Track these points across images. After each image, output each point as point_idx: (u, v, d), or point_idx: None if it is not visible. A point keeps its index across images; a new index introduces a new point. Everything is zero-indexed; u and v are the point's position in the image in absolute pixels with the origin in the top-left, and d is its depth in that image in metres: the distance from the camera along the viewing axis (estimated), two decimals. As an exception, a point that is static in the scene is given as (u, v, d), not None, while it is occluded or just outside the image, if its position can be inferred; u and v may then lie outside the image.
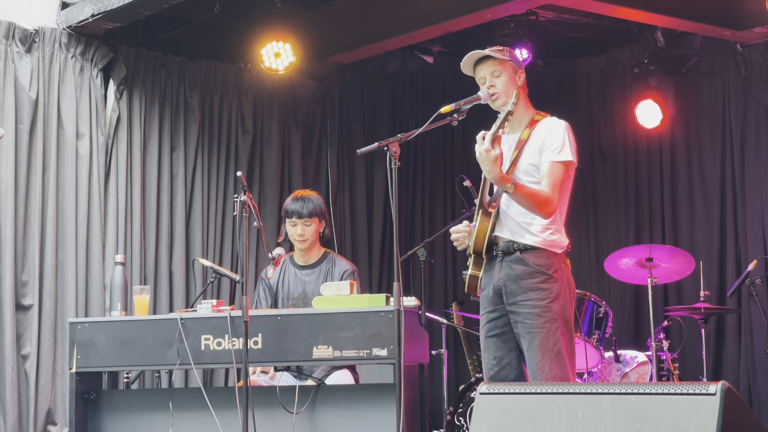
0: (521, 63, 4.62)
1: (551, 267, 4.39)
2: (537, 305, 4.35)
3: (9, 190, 6.42)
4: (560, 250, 4.45)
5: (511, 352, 4.48)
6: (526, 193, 4.30)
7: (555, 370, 4.30)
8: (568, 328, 4.39)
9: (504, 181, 4.27)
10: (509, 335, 4.47)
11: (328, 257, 5.76)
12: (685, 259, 6.75)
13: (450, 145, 8.62)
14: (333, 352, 4.76)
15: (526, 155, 4.45)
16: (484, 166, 4.25)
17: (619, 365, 6.65)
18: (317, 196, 5.76)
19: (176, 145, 7.25)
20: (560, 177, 4.39)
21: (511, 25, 7.49)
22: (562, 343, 4.34)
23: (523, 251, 4.40)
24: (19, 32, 6.56)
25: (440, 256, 8.43)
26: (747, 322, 7.42)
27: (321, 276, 5.66)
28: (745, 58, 7.56)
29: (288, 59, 7.02)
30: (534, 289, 4.37)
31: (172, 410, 5.08)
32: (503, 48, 4.57)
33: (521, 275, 4.39)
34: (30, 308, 6.47)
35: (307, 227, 5.64)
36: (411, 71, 8.43)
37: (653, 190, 8.09)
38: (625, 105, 8.04)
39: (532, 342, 4.35)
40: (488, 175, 4.28)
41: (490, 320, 4.51)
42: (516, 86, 4.50)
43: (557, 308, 4.36)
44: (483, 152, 4.23)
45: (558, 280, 4.39)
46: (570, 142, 4.43)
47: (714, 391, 3.13)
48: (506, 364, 4.48)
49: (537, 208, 4.33)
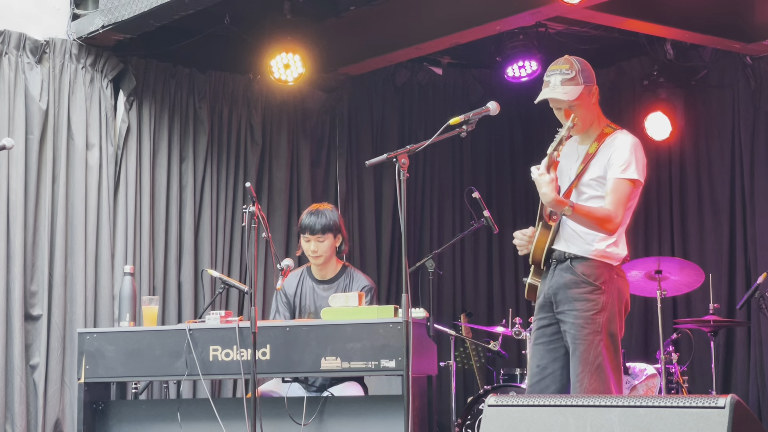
0: (593, 75, 4.47)
1: (599, 278, 4.31)
2: (581, 316, 4.29)
3: (19, 200, 6.44)
4: (616, 262, 4.37)
5: (556, 362, 4.40)
6: (584, 214, 4.25)
7: (594, 384, 4.22)
8: (613, 342, 4.30)
9: (560, 205, 4.22)
10: (557, 344, 4.40)
11: (346, 272, 5.66)
12: (694, 271, 6.73)
13: (459, 156, 8.61)
14: (341, 364, 4.76)
15: (592, 169, 4.38)
16: (540, 189, 4.21)
17: (628, 378, 6.62)
18: (332, 210, 5.63)
19: (185, 155, 7.27)
20: (625, 194, 4.31)
21: (520, 37, 7.50)
22: (604, 356, 4.25)
23: (574, 260, 4.34)
24: (30, 43, 6.59)
25: (449, 268, 8.41)
26: (756, 335, 7.40)
27: (338, 291, 5.54)
28: (755, 70, 7.55)
29: (297, 70, 7.03)
30: (579, 300, 4.30)
31: (180, 421, 5.08)
32: (573, 70, 4.38)
33: (569, 284, 4.33)
34: (39, 318, 6.48)
35: (321, 243, 5.54)
36: (420, 83, 8.44)
37: (662, 202, 8.07)
38: (635, 117, 8.02)
39: (575, 353, 4.29)
40: (544, 199, 4.22)
41: (539, 327, 4.46)
42: (592, 108, 4.43)
43: (602, 320, 4.27)
44: (538, 177, 4.20)
45: (606, 291, 4.30)
46: (637, 159, 4.34)
47: (723, 404, 3.12)
48: (549, 374, 4.40)
49: (598, 227, 4.27)
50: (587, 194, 4.37)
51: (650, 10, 6.84)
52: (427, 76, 8.42)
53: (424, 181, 8.46)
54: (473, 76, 8.59)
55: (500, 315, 8.12)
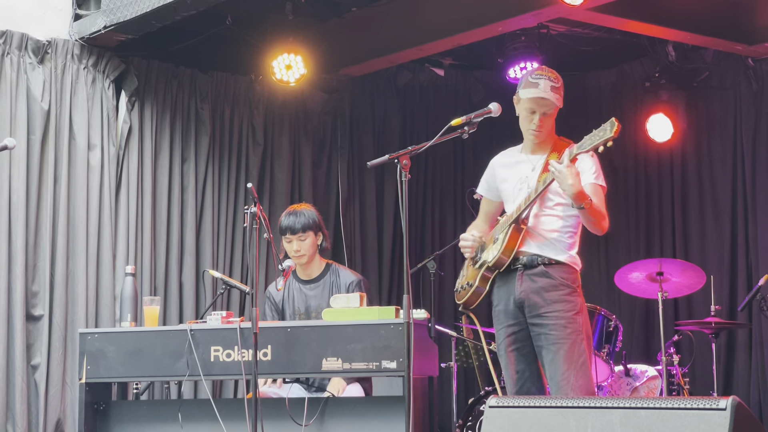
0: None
1: (575, 282, 4.47)
2: (563, 317, 4.38)
3: (20, 201, 6.44)
4: (579, 267, 4.52)
5: (531, 365, 4.52)
6: (596, 210, 4.33)
7: (581, 381, 4.32)
8: (588, 342, 4.44)
9: (582, 198, 4.27)
10: (529, 349, 4.51)
11: (331, 269, 5.70)
12: (695, 273, 6.72)
13: (460, 157, 8.61)
14: (342, 365, 4.76)
15: None
16: (566, 180, 4.23)
17: (629, 379, 6.62)
18: (310, 209, 5.71)
19: (187, 156, 7.27)
20: (602, 198, 4.44)
21: (522, 38, 7.50)
22: (586, 354, 4.39)
23: (548, 265, 4.43)
24: (32, 43, 6.59)
25: (450, 269, 8.40)
26: (758, 337, 7.40)
27: (326, 289, 5.60)
28: (757, 72, 7.55)
29: (299, 71, 7.04)
30: (560, 301, 4.40)
31: (181, 421, 5.08)
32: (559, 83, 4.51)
33: (546, 287, 4.41)
34: (40, 318, 6.49)
35: (303, 242, 5.59)
36: (422, 84, 8.44)
37: (664, 204, 8.07)
38: (636, 119, 8.02)
39: (557, 353, 4.36)
40: (569, 190, 4.25)
41: (509, 334, 4.54)
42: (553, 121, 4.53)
43: (581, 320, 4.41)
44: (564, 169, 4.23)
45: (579, 294, 4.46)
46: (600, 167, 4.48)
47: (724, 406, 3.12)
48: (528, 377, 4.52)
49: (601, 224, 4.39)
50: (554, 201, 4.47)
51: (652, 12, 6.85)
52: (429, 77, 8.42)
53: (426, 182, 8.46)
54: (475, 78, 8.59)
55: (501, 316, 8.10)
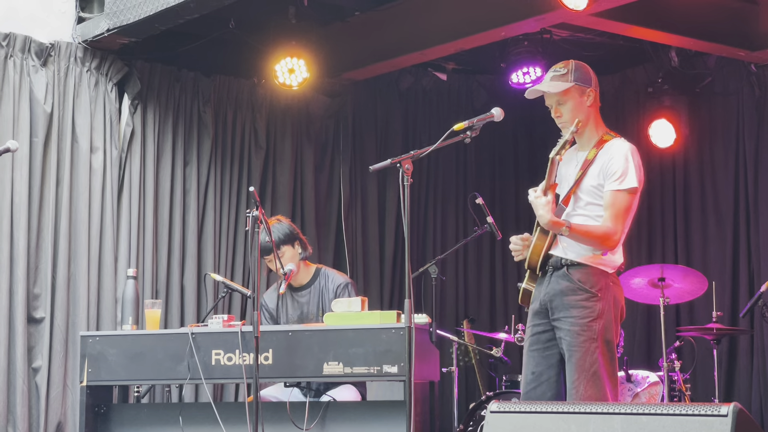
0: (590, 78, 4.51)
1: (596, 285, 4.32)
2: (577, 323, 4.29)
3: (23, 203, 6.44)
4: (611, 269, 4.38)
5: (551, 369, 4.40)
6: (582, 233, 4.29)
7: (590, 391, 4.22)
8: (609, 349, 4.30)
9: (557, 226, 4.27)
10: (552, 351, 4.40)
11: (321, 273, 5.72)
12: (697, 279, 6.72)
13: (463, 162, 8.61)
14: (343, 369, 4.76)
15: (590, 176, 4.40)
16: (537, 211, 4.28)
17: (630, 385, 6.62)
18: (280, 222, 5.71)
19: (189, 159, 7.27)
20: (623, 206, 4.34)
21: (525, 43, 7.49)
22: (600, 363, 4.26)
23: (570, 267, 4.36)
24: (35, 46, 6.59)
25: (452, 274, 8.41)
26: (759, 344, 7.39)
27: (316, 294, 5.63)
28: (760, 78, 7.55)
29: (302, 75, 7.04)
30: (576, 307, 4.31)
31: (182, 425, 5.08)
32: (566, 69, 4.46)
33: (565, 291, 4.34)
34: (42, 321, 6.48)
35: (283, 258, 5.60)
36: (424, 88, 8.44)
37: (666, 209, 8.07)
38: (639, 124, 8.02)
39: (570, 360, 4.29)
40: (541, 221, 4.29)
41: (533, 334, 4.46)
42: (584, 109, 4.44)
43: (598, 328, 4.28)
44: (534, 200, 4.27)
45: (602, 299, 4.31)
46: (632, 166, 4.36)
47: (726, 412, 3.11)
48: (545, 380, 4.40)
49: (599, 244, 4.32)
50: (585, 200, 4.40)
51: (655, 18, 6.84)
52: (432, 81, 8.42)
53: (428, 186, 8.46)
54: (478, 82, 8.59)
55: (503, 321, 8.12)
